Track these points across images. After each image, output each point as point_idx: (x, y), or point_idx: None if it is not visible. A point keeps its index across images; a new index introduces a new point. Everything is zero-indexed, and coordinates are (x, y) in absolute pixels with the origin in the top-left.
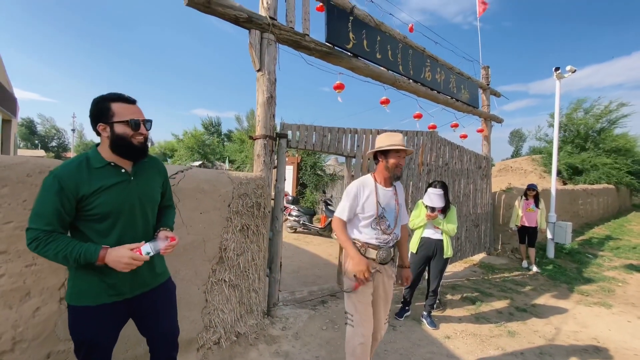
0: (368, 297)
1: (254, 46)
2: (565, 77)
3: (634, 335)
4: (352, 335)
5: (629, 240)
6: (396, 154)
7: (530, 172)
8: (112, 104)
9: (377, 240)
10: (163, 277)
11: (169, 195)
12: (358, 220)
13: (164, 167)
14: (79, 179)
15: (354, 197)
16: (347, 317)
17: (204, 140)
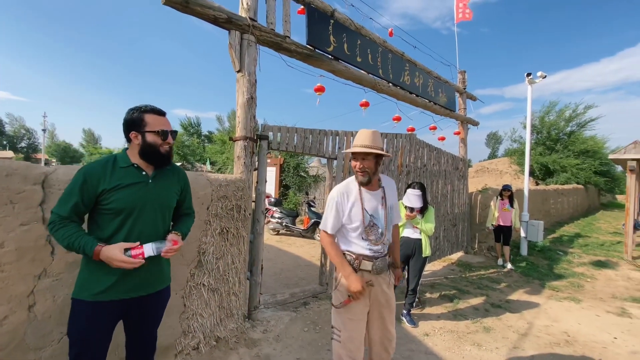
0: (360, 314)
1: (233, 47)
2: (536, 82)
3: (602, 329)
4: (340, 348)
5: (597, 238)
6: (353, 156)
7: (505, 172)
8: (146, 115)
9: (371, 251)
10: (164, 283)
11: (188, 203)
12: (347, 231)
13: (185, 175)
14: (102, 175)
15: (336, 207)
16: (333, 331)
17: (183, 142)
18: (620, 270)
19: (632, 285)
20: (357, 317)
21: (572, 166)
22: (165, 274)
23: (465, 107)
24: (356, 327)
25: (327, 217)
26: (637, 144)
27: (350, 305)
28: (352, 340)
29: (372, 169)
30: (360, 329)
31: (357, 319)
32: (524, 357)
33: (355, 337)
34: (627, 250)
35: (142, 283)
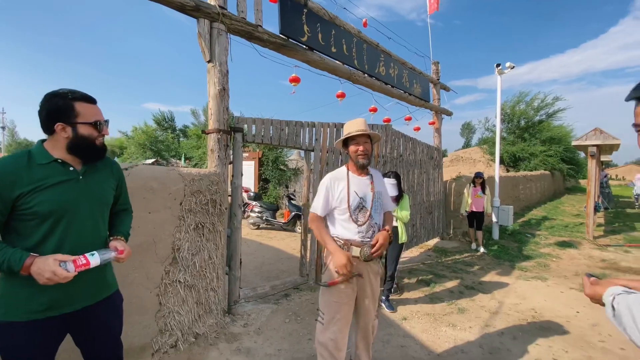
0: (346, 298)
1: (203, 36)
2: (505, 72)
3: (565, 304)
4: (322, 332)
5: (562, 220)
6: (354, 141)
7: (478, 161)
8: (76, 104)
9: (360, 234)
10: (110, 289)
11: (124, 197)
12: (336, 214)
13: (118, 167)
14: (17, 176)
15: (326, 190)
16: (319, 314)
17: (157, 137)
18: (582, 250)
19: (593, 262)
20: (343, 301)
21: (540, 153)
22: (109, 278)
23: (439, 97)
24: (339, 310)
25: (318, 199)
26: (597, 131)
27: (337, 287)
28: (334, 323)
29: (370, 152)
30: (345, 313)
31: (343, 302)
32: (494, 334)
33: (338, 319)
34: (589, 231)
35: (85, 292)
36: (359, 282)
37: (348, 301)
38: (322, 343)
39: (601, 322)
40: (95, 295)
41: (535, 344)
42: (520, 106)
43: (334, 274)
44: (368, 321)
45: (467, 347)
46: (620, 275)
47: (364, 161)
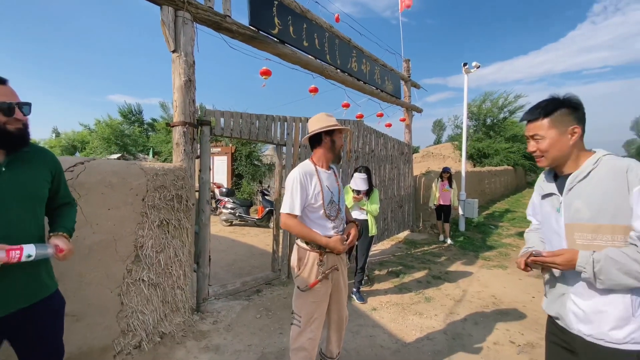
0: (324, 296)
1: (166, 25)
2: (472, 72)
3: (523, 291)
4: (299, 334)
5: (522, 212)
6: (340, 133)
7: (448, 157)
8: None
9: (335, 230)
10: (47, 290)
11: (64, 191)
12: (310, 212)
13: (54, 158)
14: None
15: (302, 187)
16: (293, 317)
17: (123, 130)
18: None
19: None
20: (320, 299)
21: (503, 150)
22: (45, 278)
23: (410, 94)
24: (318, 309)
25: (294, 198)
26: None
27: (316, 287)
28: (313, 322)
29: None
30: (322, 310)
31: (320, 300)
32: (458, 321)
33: (316, 317)
34: None
35: (18, 293)
36: (334, 276)
37: (325, 298)
38: (299, 346)
39: None
40: (29, 297)
41: (495, 328)
42: (486, 105)
43: (311, 276)
44: (342, 314)
45: (433, 334)
46: None
47: (342, 154)
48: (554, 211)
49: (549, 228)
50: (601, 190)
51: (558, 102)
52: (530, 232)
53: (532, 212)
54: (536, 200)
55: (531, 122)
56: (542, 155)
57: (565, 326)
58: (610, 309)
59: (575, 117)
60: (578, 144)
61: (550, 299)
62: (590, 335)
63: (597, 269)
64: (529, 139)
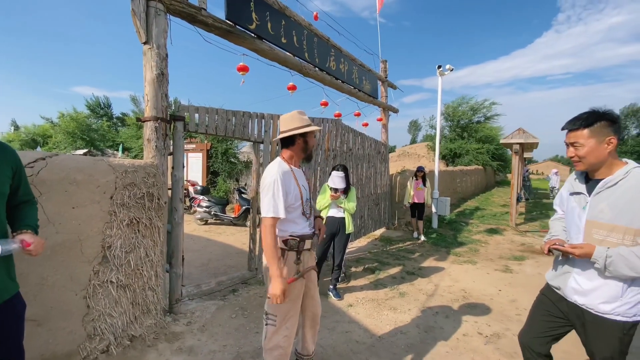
0: (298, 293)
1: (137, 15)
2: (445, 74)
3: (490, 284)
4: (275, 332)
5: (491, 210)
6: (313, 134)
7: (423, 156)
8: None
9: (310, 227)
10: (8, 292)
11: (25, 188)
12: (289, 212)
13: (14, 153)
14: None
15: (282, 187)
16: (267, 317)
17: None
18: (506, 235)
19: (514, 247)
20: (294, 297)
21: (474, 150)
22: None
23: (386, 95)
24: (293, 307)
25: (276, 200)
26: (520, 131)
27: (291, 285)
28: (288, 319)
29: None
30: (297, 308)
31: (296, 298)
32: (430, 314)
33: (291, 315)
34: (512, 219)
35: None
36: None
37: (299, 295)
38: (275, 345)
39: (518, 298)
40: None
41: (464, 320)
42: (462, 107)
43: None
44: (316, 310)
45: (406, 328)
46: (535, 256)
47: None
48: (579, 207)
49: (571, 220)
50: (627, 198)
51: (598, 115)
52: (554, 221)
53: (559, 203)
54: (565, 194)
55: (572, 131)
56: (579, 161)
57: (563, 295)
58: (605, 289)
59: (613, 129)
60: (612, 153)
61: (556, 273)
62: (584, 305)
63: (608, 262)
64: (569, 145)
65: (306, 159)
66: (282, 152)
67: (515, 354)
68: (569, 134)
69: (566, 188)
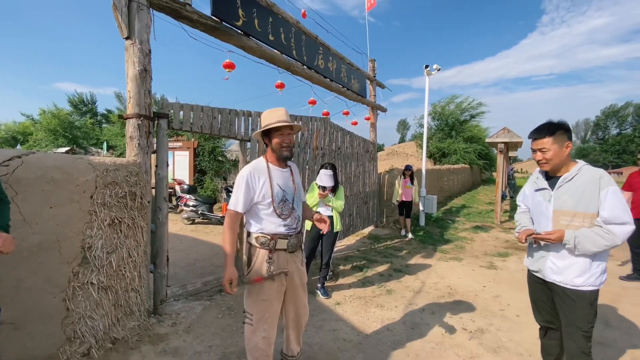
0: (275, 293)
1: (119, 9)
2: (433, 74)
3: (475, 280)
4: (252, 332)
5: (477, 208)
6: (278, 132)
7: (411, 155)
8: None
9: (285, 227)
10: None
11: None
12: (259, 209)
13: None
14: None
15: (246, 184)
16: (245, 316)
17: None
18: (491, 233)
19: (499, 243)
20: (271, 297)
21: (461, 149)
22: None
23: (375, 94)
24: (269, 307)
25: (238, 195)
26: (505, 130)
27: (263, 285)
28: (265, 321)
29: (293, 143)
30: (274, 309)
31: (271, 298)
32: (416, 311)
33: (268, 317)
34: (497, 216)
35: None
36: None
37: (278, 296)
38: (254, 345)
39: (502, 294)
40: None
41: (450, 316)
42: (450, 107)
43: (260, 273)
44: (300, 313)
45: (393, 325)
46: (518, 253)
47: (288, 154)
48: (545, 200)
49: (539, 212)
50: (581, 190)
51: (558, 125)
52: (520, 214)
53: (523, 200)
54: (528, 191)
55: (538, 139)
56: (546, 162)
57: (542, 277)
58: (575, 266)
59: (568, 136)
60: (569, 155)
61: (534, 259)
62: (561, 282)
63: (577, 242)
64: (536, 151)
65: (281, 158)
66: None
67: (498, 349)
68: (535, 141)
69: (530, 186)
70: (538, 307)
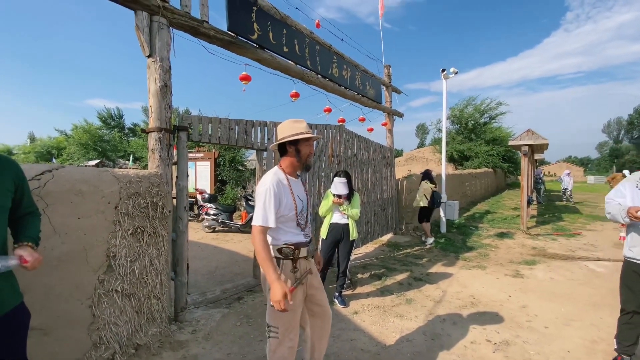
0: (299, 302)
1: (141, 29)
2: (450, 77)
3: (500, 290)
4: (279, 344)
5: (502, 213)
6: (307, 142)
7: (430, 160)
8: None
9: (305, 236)
10: (11, 303)
11: (27, 200)
12: (283, 222)
13: (17, 166)
14: None
15: (275, 197)
16: (270, 330)
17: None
18: (517, 239)
19: (526, 250)
20: (296, 306)
21: (483, 153)
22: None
23: (391, 99)
24: (295, 316)
25: (267, 209)
26: (529, 132)
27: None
28: (291, 330)
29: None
30: (299, 317)
31: (297, 307)
32: (437, 321)
33: (294, 326)
34: (523, 222)
35: None
36: (308, 279)
37: (300, 304)
38: (280, 356)
39: (529, 304)
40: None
41: (472, 327)
42: (468, 109)
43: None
44: (325, 317)
45: (412, 336)
46: (547, 260)
47: (311, 163)
48: None
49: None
50: None
51: None
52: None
53: (620, 196)
54: (627, 189)
55: None
56: None
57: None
58: None
59: None
60: None
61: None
62: None
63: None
64: None
65: (303, 168)
66: (280, 161)
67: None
68: None
69: (632, 184)
70: (635, 294)
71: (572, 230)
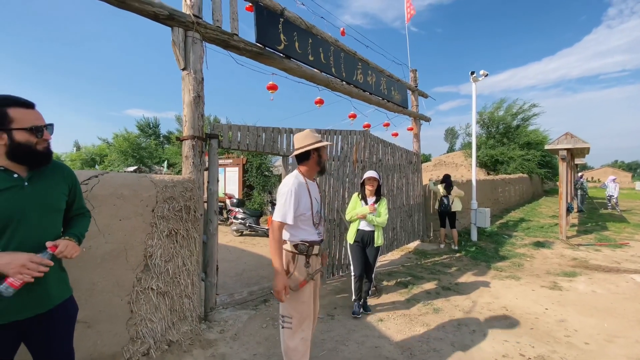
0: (310, 294)
1: (177, 44)
2: (480, 80)
3: (535, 302)
4: (292, 335)
5: (538, 221)
6: (325, 148)
7: (460, 165)
8: (9, 110)
9: (319, 235)
10: (61, 296)
11: (79, 202)
12: (301, 220)
13: (71, 172)
14: None
15: (296, 197)
16: (284, 320)
17: (140, 143)
18: (555, 249)
19: (564, 261)
20: (308, 298)
21: (518, 157)
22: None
23: (417, 104)
24: (308, 308)
25: (287, 207)
26: (567, 135)
27: (304, 287)
28: (304, 321)
29: None
30: (311, 309)
31: (309, 300)
32: (466, 332)
33: (307, 316)
34: (562, 231)
35: (36, 298)
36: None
37: (312, 297)
38: (294, 348)
39: (568, 318)
40: (47, 302)
41: (505, 340)
42: (499, 112)
43: (300, 277)
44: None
45: (440, 346)
46: (588, 272)
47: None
48: None
49: None
50: None
51: None
52: None
53: None
54: None
55: None
56: None
57: None
58: None
59: None
60: None
61: None
62: None
63: None
64: None
65: (320, 172)
66: (298, 167)
67: None
68: None
69: None
70: None
71: (617, 241)
